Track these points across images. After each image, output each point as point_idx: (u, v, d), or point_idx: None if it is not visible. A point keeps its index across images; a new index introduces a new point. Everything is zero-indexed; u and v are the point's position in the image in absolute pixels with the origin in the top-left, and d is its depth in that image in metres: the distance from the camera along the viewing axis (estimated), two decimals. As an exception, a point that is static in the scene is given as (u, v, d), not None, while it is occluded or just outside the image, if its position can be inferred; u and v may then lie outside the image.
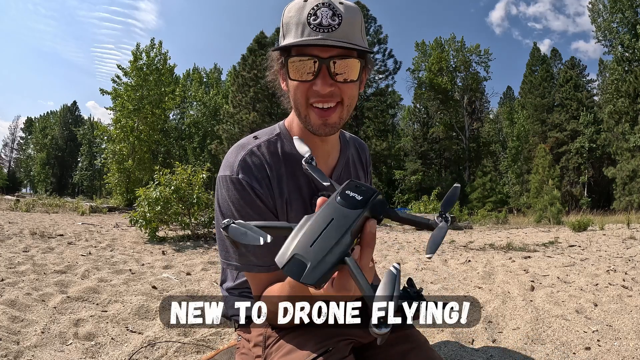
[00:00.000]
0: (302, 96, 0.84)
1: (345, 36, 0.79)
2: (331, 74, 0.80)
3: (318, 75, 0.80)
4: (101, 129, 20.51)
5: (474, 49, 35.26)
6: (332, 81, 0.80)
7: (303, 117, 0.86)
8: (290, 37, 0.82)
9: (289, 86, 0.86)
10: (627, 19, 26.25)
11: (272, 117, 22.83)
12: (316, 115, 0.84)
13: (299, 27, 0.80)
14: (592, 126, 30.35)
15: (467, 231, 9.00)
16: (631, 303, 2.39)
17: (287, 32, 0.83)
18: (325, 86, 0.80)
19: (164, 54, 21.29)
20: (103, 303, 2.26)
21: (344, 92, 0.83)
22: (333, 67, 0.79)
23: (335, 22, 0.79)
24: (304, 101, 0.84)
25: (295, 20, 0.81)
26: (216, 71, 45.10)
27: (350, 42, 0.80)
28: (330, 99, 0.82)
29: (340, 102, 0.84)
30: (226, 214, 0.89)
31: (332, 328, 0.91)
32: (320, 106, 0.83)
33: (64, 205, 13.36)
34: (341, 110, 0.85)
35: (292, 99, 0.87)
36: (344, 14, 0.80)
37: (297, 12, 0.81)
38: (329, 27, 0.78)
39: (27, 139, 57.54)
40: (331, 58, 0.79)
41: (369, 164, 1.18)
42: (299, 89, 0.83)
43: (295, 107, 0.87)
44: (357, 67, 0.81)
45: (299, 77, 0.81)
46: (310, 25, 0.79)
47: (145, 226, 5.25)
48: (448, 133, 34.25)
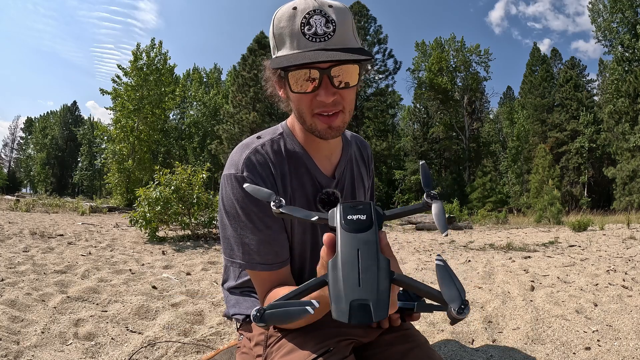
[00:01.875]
0: (306, 108, 0.84)
1: (341, 42, 0.79)
2: (333, 83, 0.80)
3: (320, 85, 0.79)
4: (101, 129, 20.51)
5: (474, 49, 35.29)
6: (335, 89, 0.80)
7: (309, 125, 0.87)
8: (285, 49, 0.81)
9: (291, 97, 0.86)
10: (627, 19, 26.26)
11: (272, 117, 22.82)
12: (321, 122, 0.84)
13: (294, 38, 0.79)
14: (592, 126, 30.36)
15: (467, 231, 9.00)
16: (631, 303, 2.39)
17: (280, 43, 0.82)
18: (329, 96, 0.80)
19: (164, 54, 21.31)
20: (103, 303, 2.26)
21: (345, 98, 0.83)
22: (333, 73, 0.79)
23: (330, 29, 0.78)
24: (308, 112, 0.84)
25: (288, 32, 0.79)
26: (216, 71, 45.12)
27: (347, 46, 0.80)
28: (333, 108, 0.83)
29: (342, 110, 0.85)
30: (230, 212, 0.89)
31: (333, 328, 0.92)
32: (324, 114, 0.83)
33: (64, 205, 13.36)
34: (343, 115, 0.86)
35: (295, 110, 0.87)
36: (336, 19, 0.79)
37: (288, 22, 0.79)
38: (325, 35, 0.78)
39: (27, 139, 57.55)
40: (331, 67, 0.78)
41: (371, 161, 1.19)
42: (302, 101, 0.83)
43: (299, 116, 0.87)
44: (356, 71, 0.81)
45: (301, 89, 0.81)
46: (305, 35, 0.78)
47: (145, 226, 5.25)
48: (448, 133, 34.26)
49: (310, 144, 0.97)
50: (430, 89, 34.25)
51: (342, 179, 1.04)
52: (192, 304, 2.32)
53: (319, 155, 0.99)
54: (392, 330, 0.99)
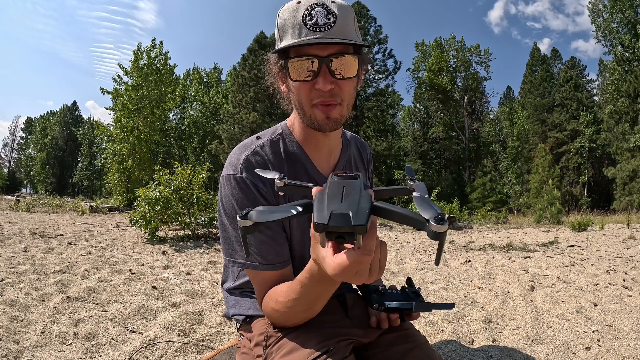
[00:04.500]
0: (305, 97, 0.85)
1: (341, 33, 0.81)
2: (331, 72, 0.82)
3: (319, 74, 0.82)
4: (101, 129, 20.50)
5: (474, 49, 35.29)
6: (333, 79, 0.82)
7: (308, 116, 0.88)
8: (287, 39, 0.83)
9: (291, 87, 0.88)
10: (627, 19, 26.26)
11: (272, 117, 22.84)
12: (320, 112, 0.86)
13: (295, 28, 0.81)
14: (592, 126, 30.36)
15: (467, 231, 9.00)
16: (631, 303, 2.39)
17: (284, 34, 0.84)
18: (326, 84, 0.81)
19: (164, 54, 21.30)
20: (103, 303, 2.26)
21: (343, 90, 0.85)
22: (332, 65, 0.81)
23: (330, 20, 0.81)
24: (307, 101, 0.85)
25: (290, 23, 0.82)
26: (216, 71, 45.12)
27: (346, 38, 0.82)
28: (331, 99, 0.84)
29: (340, 102, 0.86)
30: (229, 212, 0.89)
31: (333, 328, 0.92)
32: (323, 104, 0.85)
33: (64, 205, 13.35)
34: (341, 108, 0.87)
35: (294, 100, 0.89)
36: (337, 12, 0.82)
37: (291, 14, 0.82)
38: (325, 26, 0.80)
39: (27, 139, 57.54)
40: (330, 56, 0.81)
41: (370, 162, 1.19)
42: (301, 89, 0.85)
43: (299, 107, 0.88)
44: (355, 63, 0.83)
45: (300, 78, 0.83)
46: (306, 25, 0.80)
47: (145, 226, 5.25)
48: (448, 133, 34.26)
49: (309, 143, 0.97)
50: (430, 89, 34.25)
51: None
52: (192, 304, 2.32)
53: (318, 155, 0.99)
54: (392, 330, 0.99)
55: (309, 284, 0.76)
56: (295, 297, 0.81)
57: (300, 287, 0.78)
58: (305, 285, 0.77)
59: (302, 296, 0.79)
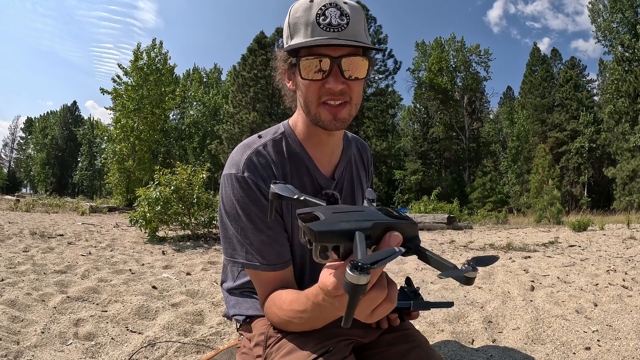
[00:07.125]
0: (314, 95, 0.85)
1: (353, 35, 0.82)
2: (342, 73, 0.82)
3: (330, 73, 0.82)
4: (101, 129, 20.53)
5: (474, 49, 35.28)
6: (344, 79, 0.82)
7: (313, 114, 0.88)
8: (299, 37, 0.83)
9: (299, 85, 0.88)
10: (627, 19, 26.26)
11: (272, 117, 22.81)
12: (327, 112, 0.86)
13: (309, 27, 0.81)
14: (592, 126, 30.36)
15: (467, 231, 9.00)
16: (631, 303, 2.39)
17: (295, 32, 0.84)
18: (337, 84, 0.82)
19: (164, 54, 21.31)
20: (103, 303, 2.26)
21: (353, 90, 0.85)
22: (343, 65, 0.81)
23: (343, 21, 0.81)
24: (315, 99, 0.85)
25: (303, 21, 0.82)
26: (216, 71, 45.13)
27: (358, 40, 0.82)
28: (340, 97, 0.84)
29: (348, 101, 0.86)
30: (230, 212, 0.89)
31: (333, 328, 0.92)
32: (331, 103, 0.85)
33: (64, 205, 13.35)
34: (350, 107, 0.87)
35: (302, 98, 0.88)
36: (350, 13, 0.82)
37: (304, 12, 0.82)
38: (339, 27, 0.81)
39: (27, 139, 57.57)
40: (342, 57, 0.81)
41: (370, 163, 1.19)
42: (310, 87, 0.85)
43: (305, 105, 0.88)
44: (365, 65, 0.84)
45: (311, 76, 0.83)
46: (320, 25, 0.81)
47: (145, 226, 5.25)
48: (448, 133, 34.26)
49: (311, 142, 0.97)
50: (430, 89, 34.23)
51: (342, 180, 1.04)
52: (192, 304, 2.32)
53: (320, 155, 0.99)
54: (392, 330, 0.99)
55: (312, 300, 0.72)
56: (299, 309, 0.78)
57: (305, 300, 0.75)
58: (312, 302, 0.73)
59: (305, 310, 0.76)
